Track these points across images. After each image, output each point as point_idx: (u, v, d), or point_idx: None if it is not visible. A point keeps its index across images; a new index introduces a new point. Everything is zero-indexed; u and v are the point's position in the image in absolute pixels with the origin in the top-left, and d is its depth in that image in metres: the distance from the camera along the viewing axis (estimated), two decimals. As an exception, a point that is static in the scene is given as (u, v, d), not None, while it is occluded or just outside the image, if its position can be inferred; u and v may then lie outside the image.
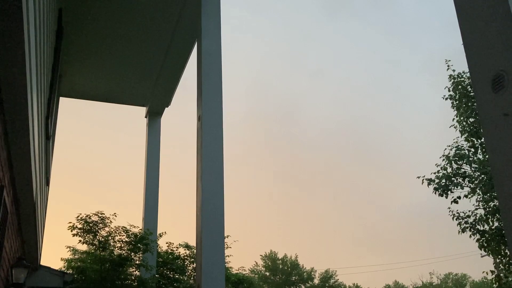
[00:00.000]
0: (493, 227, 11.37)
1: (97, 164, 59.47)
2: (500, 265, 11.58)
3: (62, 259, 10.60)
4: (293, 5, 72.95)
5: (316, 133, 72.57)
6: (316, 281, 47.20)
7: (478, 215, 11.71)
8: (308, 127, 72.32)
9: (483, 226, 11.57)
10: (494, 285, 11.75)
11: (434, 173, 12.31)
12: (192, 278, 11.82)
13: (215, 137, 6.72)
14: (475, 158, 12.06)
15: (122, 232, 9.74)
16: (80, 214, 9.50)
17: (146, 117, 11.95)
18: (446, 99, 12.83)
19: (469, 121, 12.18)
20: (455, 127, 12.56)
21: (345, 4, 76.28)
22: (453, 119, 12.62)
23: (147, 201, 11.14)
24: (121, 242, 9.76)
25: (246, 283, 13.70)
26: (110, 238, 9.65)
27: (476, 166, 11.84)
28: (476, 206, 11.78)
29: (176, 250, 12.01)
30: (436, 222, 68.64)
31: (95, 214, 9.55)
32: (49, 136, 6.29)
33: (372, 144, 70.95)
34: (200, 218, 6.27)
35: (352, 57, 74.67)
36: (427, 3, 74.97)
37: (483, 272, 12.16)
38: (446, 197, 12.00)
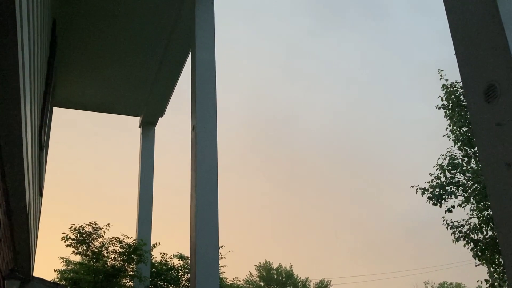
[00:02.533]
0: (487, 236, 11.40)
1: (90, 174, 59.18)
2: (495, 274, 11.59)
3: (55, 270, 10.53)
4: (286, 16, 73.36)
5: (310, 142, 72.70)
6: (311, 291, 47.05)
7: (472, 224, 11.74)
8: (302, 136, 72.50)
9: (477, 235, 11.59)
10: (489, 295, 11.74)
11: (428, 182, 12.36)
12: (186, 289, 11.75)
13: (209, 146, 6.72)
14: (469, 167, 12.11)
15: (115, 242, 9.69)
16: (74, 224, 9.46)
17: (140, 127, 11.94)
18: (439, 108, 12.91)
19: (462, 131, 12.24)
20: (448, 137, 12.63)
21: (338, 16, 76.68)
22: (446, 128, 12.70)
23: (141, 212, 11.10)
24: (114, 253, 9.71)
25: (240, 293, 13.63)
26: (103, 249, 9.60)
27: (470, 175, 11.89)
28: (470, 215, 11.81)
29: (170, 260, 11.95)
30: (430, 231, 68.67)
31: (89, 225, 9.51)
32: (42, 146, 6.26)
33: (367, 153, 71.13)
34: (195, 228, 6.24)
35: (345, 67, 75.05)
36: (421, 14, 75.62)
37: (478, 281, 12.13)
38: (440, 206, 12.03)
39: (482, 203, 11.31)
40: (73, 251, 9.45)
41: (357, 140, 71.99)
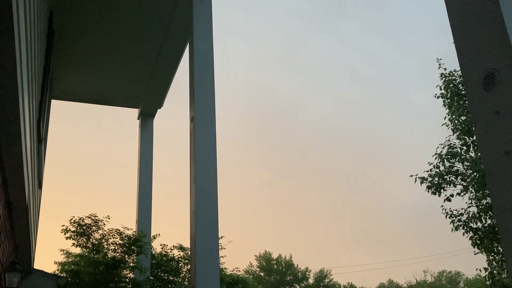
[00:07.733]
0: (486, 225, 11.42)
1: (90, 166, 59.20)
2: (493, 262, 11.63)
3: (55, 263, 10.56)
4: (286, 7, 72.96)
5: (310, 133, 72.69)
6: (310, 280, 47.29)
7: (471, 213, 11.76)
8: (302, 126, 72.47)
9: (476, 223, 11.62)
10: (488, 282, 11.80)
11: (427, 171, 12.36)
12: (186, 280, 11.79)
13: (208, 137, 6.72)
14: (468, 156, 12.10)
15: (115, 234, 9.71)
16: (73, 217, 9.47)
17: (138, 118, 11.92)
18: (438, 97, 12.88)
19: (461, 119, 12.23)
20: (447, 125, 12.62)
21: (338, 5, 76.27)
22: (445, 117, 12.69)
23: (141, 203, 11.12)
24: (114, 245, 9.73)
25: (240, 283, 13.68)
26: (103, 240, 9.62)
27: (469, 164, 11.89)
28: (469, 204, 11.83)
29: (170, 252, 11.99)
30: (429, 220, 68.94)
31: (88, 217, 9.51)
32: (41, 139, 6.25)
33: (367, 143, 71.16)
34: (194, 219, 6.26)
35: (345, 58, 74.86)
36: (420, 4, 75.36)
37: (477, 269, 12.19)
38: (439, 195, 12.04)
39: (481, 192, 11.32)
40: (73, 243, 9.46)
41: (357, 130, 72.04)
